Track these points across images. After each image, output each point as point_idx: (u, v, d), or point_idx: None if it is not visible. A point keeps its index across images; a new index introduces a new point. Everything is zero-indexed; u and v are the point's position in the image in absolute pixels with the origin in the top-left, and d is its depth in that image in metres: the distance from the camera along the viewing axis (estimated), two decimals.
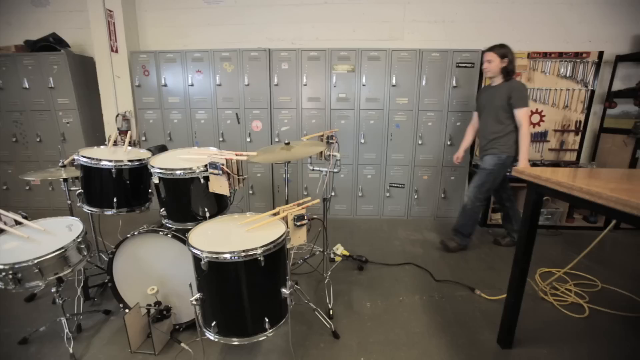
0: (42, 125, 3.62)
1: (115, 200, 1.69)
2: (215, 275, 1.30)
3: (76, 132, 3.64)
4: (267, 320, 1.35)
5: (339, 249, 2.65)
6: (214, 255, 1.26)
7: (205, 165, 1.53)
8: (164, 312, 1.71)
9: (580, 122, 3.54)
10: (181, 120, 3.56)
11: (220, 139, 3.53)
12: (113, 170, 1.64)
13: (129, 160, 1.69)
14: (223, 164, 1.44)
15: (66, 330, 1.68)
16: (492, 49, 2.51)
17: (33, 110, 3.57)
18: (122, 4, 3.52)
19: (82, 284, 1.93)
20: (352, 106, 3.39)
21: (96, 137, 3.83)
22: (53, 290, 1.63)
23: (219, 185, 1.51)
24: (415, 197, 3.58)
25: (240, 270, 1.28)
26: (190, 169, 1.54)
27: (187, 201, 1.61)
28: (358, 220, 3.59)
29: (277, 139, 3.49)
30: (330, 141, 2.01)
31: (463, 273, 2.49)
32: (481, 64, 2.69)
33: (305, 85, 3.35)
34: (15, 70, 3.45)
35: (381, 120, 3.41)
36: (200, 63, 3.40)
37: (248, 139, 3.50)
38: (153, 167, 1.56)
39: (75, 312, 1.86)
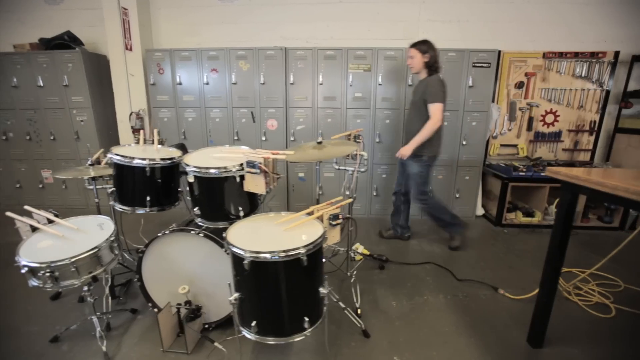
0: (55, 123, 3.60)
1: (148, 199, 1.69)
2: (257, 275, 1.30)
3: (90, 131, 3.63)
4: (306, 319, 1.36)
5: (359, 248, 2.65)
6: (257, 255, 1.26)
7: (241, 164, 1.53)
8: (196, 312, 1.71)
9: (594, 122, 3.55)
10: (196, 118, 3.55)
11: (235, 138, 3.53)
12: (147, 169, 1.64)
13: (162, 159, 1.69)
14: (261, 163, 1.44)
15: (98, 328, 1.68)
16: (413, 45, 2.54)
17: (47, 108, 3.56)
18: (136, 2, 3.50)
19: (109, 283, 1.92)
20: (368, 105, 3.39)
21: (109, 135, 3.82)
22: (85, 288, 1.64)
23: (254, 184, 1.51)
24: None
25: (284, 270, 1.28)
26: (226, 167, 1.54)
27: (221, 200, 1.60)
28: (373, 219, 3.59)
29: (292, 138, 3.49)
30: (358, 140, 2.01)
31: (483, 272, 2.50)
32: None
33: (321, 84, 3.35)
34: (30, 68, 3.43)
35: (397, 119, 3.41)
36: (216, 61, 3.39)
37: (263, 138, 3.50)
38: (188, 165, 1.56)
39: (104, 310, 1.85)
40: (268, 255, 1.26)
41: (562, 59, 3.43)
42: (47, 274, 1.44)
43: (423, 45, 2.51)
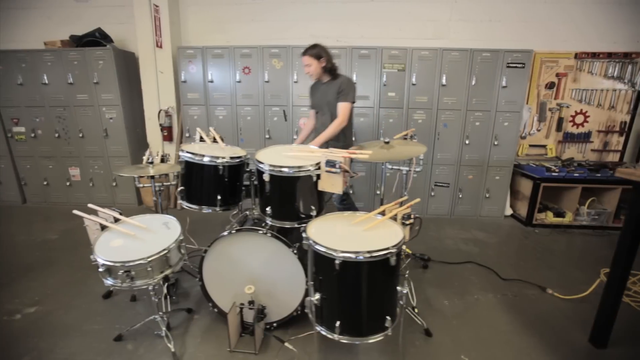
0: (85, 120, 3.58)
1: (219, 197, 1.68)
2: (346, 275, 1.29)
3: (118, 128, 3.61)
4: (388, 318, 1.36)
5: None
6: (349, 256, 1.25)
7: (317, 163, 1.52)
8: (262, 312, 1.71)
9: (625, 123, 3.57)
10: (226, 116, 3.54)
11: (267, 136, 3.52)
12: (220, 167, 1.63)
13: (231, 157, 1.68)
14: (342, 162, 1.44)
15: (164, 328, 1.68)
16: (305, 52, 2.40)
17: (76, 105, 3.54)
18: None
19: (167, 283, 1.92)
20: (401, 105, 3.38)
21: (137, 133, 3.80)
22: (150, 288, 1.63)
23: (330, 184, 1.51)
24: (460, 196, 3.59)
25: (373, 270, 1.28)
26: (301, 166, 1.53)
27: (294, 199, 1.60)
28: None
29: None
30: (414, 139, 2.01)
31: (526, 272, 2.50)
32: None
33: (355, 83, 3.33)
34: (60, 65, 3.41)
35: (429, 119, 3.41)
36: (249, 59, 3.37)
37: (295, 137, 3.49)
38: (262, 163, 1.55)
39: (164, 310, 1.84)
40: (354, 256, 1.26)
41: (595, 59, 3.44)
42: (125, 274, 1.43)
43: (314, 50, 2.38)
